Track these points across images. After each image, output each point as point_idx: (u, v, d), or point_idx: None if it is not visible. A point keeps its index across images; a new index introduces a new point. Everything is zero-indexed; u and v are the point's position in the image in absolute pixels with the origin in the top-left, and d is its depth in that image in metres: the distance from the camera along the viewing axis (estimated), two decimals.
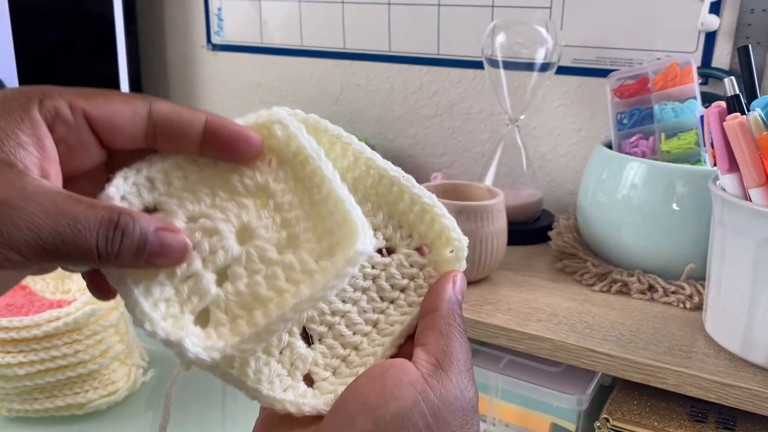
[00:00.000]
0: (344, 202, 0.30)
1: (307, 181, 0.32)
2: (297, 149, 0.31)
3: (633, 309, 0.69)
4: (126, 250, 0.27)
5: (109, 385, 0.70)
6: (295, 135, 0.31)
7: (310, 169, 0.31)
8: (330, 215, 0.31)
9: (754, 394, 0.55)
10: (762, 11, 0.81)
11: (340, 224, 0.30)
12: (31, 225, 0.24)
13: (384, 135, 1.11)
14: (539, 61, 0.86)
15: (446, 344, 0.30)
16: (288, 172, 0.32)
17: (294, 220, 0.31)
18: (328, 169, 0.31)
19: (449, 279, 0.33)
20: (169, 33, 1.27)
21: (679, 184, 0.69)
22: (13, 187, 0.25)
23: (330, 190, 0.31)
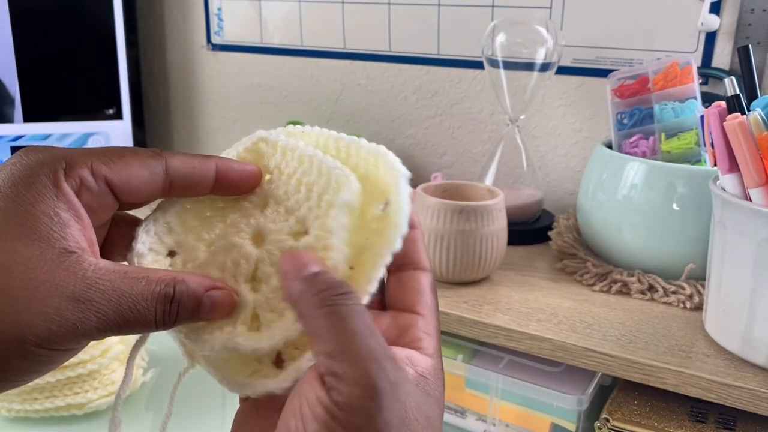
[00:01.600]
0: (321, 161, 0.32)
1: (297, 166, 0.33)
2: (282, 151, 0.34)
3: (633, 309, 0.69)
4: (182, 317, 0.29)
5: (109, 385, 0.70)
6: (276, 141, 0.34)
7: (295, 157, 0.33)
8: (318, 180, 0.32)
9: (754, 394, 0.55)
10: (762, 11, 0.81)
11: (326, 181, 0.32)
12: (99, 314, 0.27)
13: (384, 135, 1.11)
14: (539, 61, 0.86)
15: (324, 337, 0.25)
16: (282, 170, 0.34)
17: (295, 204, 0.33)
18: (307, 148, 0.33)
19: (286, 264, 0.28)
20: (169, 33, 1.27)
21: (680, 184, 0.69)
22: (76, 279, 0.27)
23: (312, 160, 0.32)
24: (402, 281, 0.32)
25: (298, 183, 0.33)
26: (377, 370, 0.24)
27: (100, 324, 0.27)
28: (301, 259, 0.27)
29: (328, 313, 0.25)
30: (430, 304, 0.31)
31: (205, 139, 1.29)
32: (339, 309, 0.25)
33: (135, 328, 0.28)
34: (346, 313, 0.25)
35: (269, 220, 0.33)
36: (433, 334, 0.30)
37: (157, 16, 1.27)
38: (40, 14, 1.10)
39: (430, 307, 0.31)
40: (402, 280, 0.32)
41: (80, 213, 0.28)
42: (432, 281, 0.32)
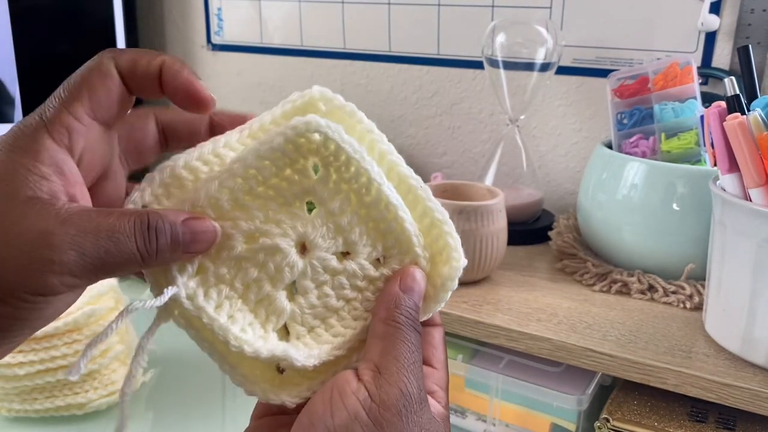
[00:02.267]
0: (397, 207, 0.32)
1: (353, 183, 0.32)
2: (337, 150, 0.31)
3: (633, 309, 0.69)
4: (163, 246, 0.29)
5: (109, 385, 0.70)
6: (334, 139, 0.31)
7: (355, 171, 0.32)
8: (383, 219, 0.32)
9: (754, 394, 0.55)
10: (762, 11, 0.81)
11: (394, 230, 0.32)
12: (75, 246, 0.26)
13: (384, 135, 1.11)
14: (539, 61, 0.86)
15: (384, 347, 0.30)
16: (332, 174, 0.32)
17: (348, 225, 0.32)
18: (374, 171, 0.32)
19: (396, 279, 0.32)
20: (168, 33, 1.27)
21: (680, 184, 0.69)
22: (48, 217, 0.26)
23: (379, 192, 0.32)
24: None
25: (354, 200, 0.32)
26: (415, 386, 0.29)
27: (79, 258, 0.26)
28: (415, 281, 0.32)
29: (407, 331, 0.30)
30: (442, 360, 0.34)
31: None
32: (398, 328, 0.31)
33: (118, 263, 0.27)
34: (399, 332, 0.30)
35: (318, 235, 0.32)
36: (444, 388, 0.33)
37: (157, 16, 1.27)
38: (40, 14, 1.10)
39: (442, 362, 0.34)
40: None
41: (63, 169, 0.28)
42: (443, 336, 0.34)
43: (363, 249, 0.33)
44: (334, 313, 0.33)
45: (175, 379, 0.75)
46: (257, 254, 0.31)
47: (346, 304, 0.33)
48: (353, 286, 0.33)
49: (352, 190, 0.32)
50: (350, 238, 0.32)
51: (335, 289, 0.33)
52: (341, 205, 0.32)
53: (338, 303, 0.33)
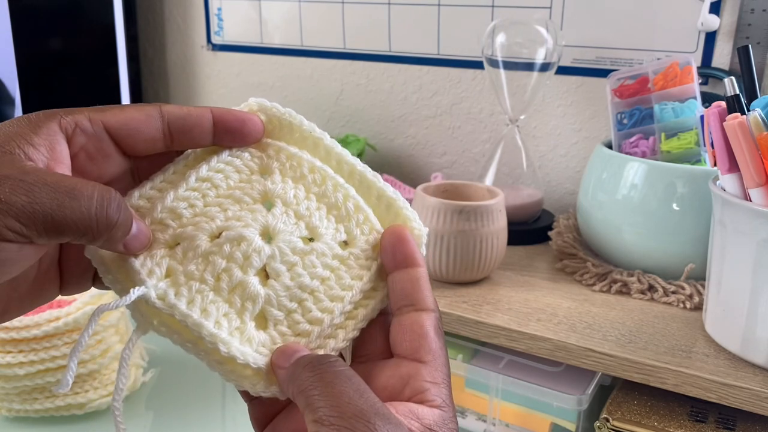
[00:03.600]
0: (347, 189, 0.33)
1: (303, 178, 0.34)
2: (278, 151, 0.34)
3: (633, 309, 0.69)
4: (121, 223, 0.28)
5: (109, 385, 0.70)
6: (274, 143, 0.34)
7: (297, 164, 0.34)
8: (337, 205, 0.33)
9: (754, 394, 0.55)
10: (762, 11, 0.81)
11: (351, 212, 0.33)
12: (29, 193, 0.25)
13: (384, 135, 1.11)
14: (539, 61, 0.86)
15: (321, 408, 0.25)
16: (279, 173, 0.34)
17: (306, 211, 0.33)
18: (318, 163, 0.34)
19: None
20: (169, 33, 1.27)
21: (679, 184, 0.69)
22: (13, 166, 0.26)
23: (327, 179, 0.34)
24: (403, 324, 0.30)
25: (307, 191, 0.33)
26: (365, 429, 0.24)
27: (28, 204, 0.25)
28: (290, 349, 0.30)
29: (316, 379, 0.26)
30: (434, 349, 0.29)
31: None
32: (325, 374, 0.26)
33: (70, 221, 0.26)
34: (333, 377, 0.26)
35: (280, 221, 0.33)
36: (440, 381, 0.29)
37: (158, 16, 1.27)
38: (40, 14, 1.10)
39: (435, 352, 0.29)
40: (403, 323, 0.30)
41: (55, 147, 0.28)
42: (436, 322, 0.30)
43: (326, 231, 0.33)
44: (310, 294, 0.32)
45: (175, 379, 0.75)
46: (223, 246, 0.32)
47: (321, 284, 0.32)
48: (325, 265, 0.33)
49: (303, 183, 0.33)
50: (312, 222, 0.33)
51: (307, 269, 0.32)
52: (296, 197, 0.33)
53: (313, 282, 0.32)
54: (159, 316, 0.31)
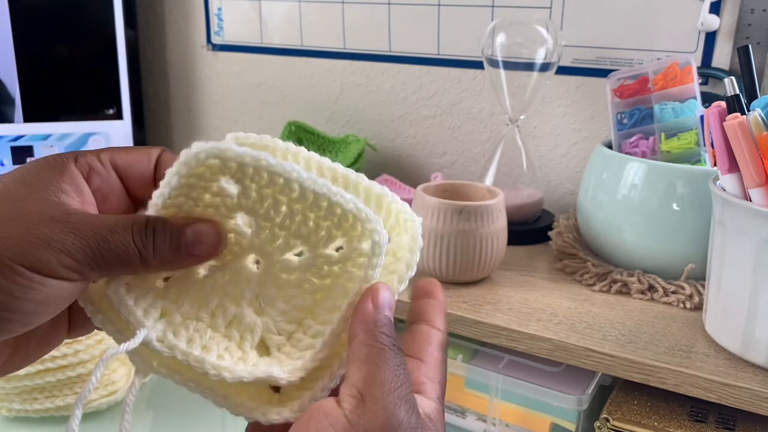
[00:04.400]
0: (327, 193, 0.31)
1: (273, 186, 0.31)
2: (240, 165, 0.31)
3: (633, 309, 0.69)
4: (161, 244, 0.30)
5: (109, 385, 0.70)
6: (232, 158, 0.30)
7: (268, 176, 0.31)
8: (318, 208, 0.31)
9: (754, 394, 0.55)
10: (762, 11, 0.81)
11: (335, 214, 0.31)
12: (76, 232, 0.28)
13: (384, 135, 1.11)
14: (539, 61, 0.86)
15: (368, 371, 0.28)
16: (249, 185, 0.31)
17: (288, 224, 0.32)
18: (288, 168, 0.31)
19: (367, 298, 0.31)
20: (169, 33, 1.27)
21: (679, 184, 0.69)
22: (55, 209, 0.28)
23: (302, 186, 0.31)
24: (414, 332, 0.33)
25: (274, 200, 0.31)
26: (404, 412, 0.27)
27: (77, 241, 0.27)
28: (385, 297, 0.31)
29: (390, 351, 0.29)
30: (435, 356, 0.32)
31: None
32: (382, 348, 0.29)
33: (116, 254, 0.28)
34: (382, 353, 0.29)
35: (261, 242, 0.32)
36: (436, 380, 0.31)
37: (158, 16, 1.27)
38: (40, 14, 1.10)
39: (435, 358, 0.32)
40: (414, 330, 0.33)
41: (82, 190, 0.30)
42: (443, 341, 0.33)
43: (313, 239, 0.32)
44: (308, 313, 0.32)
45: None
46: (213, 281, 0.32)
47: (317, 300, 0.32)
48: (319, 276, 0.32)
49: (276, 192, 0.31)
50: (298, 232, 0.32)
51: (299, 287, 0.32)
52: (273, 209, 0.31)
53: (307, 300, 0.32)
54: (159, 357, 0.31)
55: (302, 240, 0.32)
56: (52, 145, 1.15)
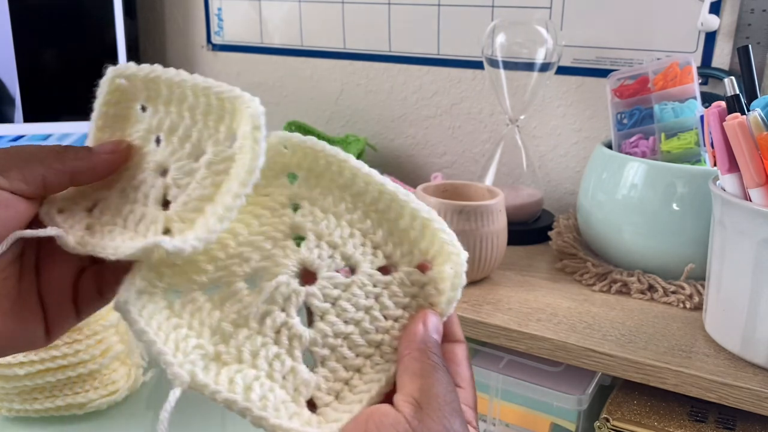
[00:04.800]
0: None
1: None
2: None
3: (633, 309, 0.69)
4: (73, 151, 0.35)
5: (110, 384, 0.70)
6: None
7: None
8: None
9: (754, 394, 0.55)
10: (762, 11, 0.81)
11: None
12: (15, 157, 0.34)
13: (384, 135, 1.11)
14: (539, 61, 0.86)
15: (423, 383, 0.30)
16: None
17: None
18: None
19: (419, 321, 0.33)
20: (169, 33, 1.27)
21: (679, 184, 0.69)
22: None
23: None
24: None
25: (178, 110, 0.35)
26: (458, 425, 0.29)
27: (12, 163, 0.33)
28: (433, 321, 0.33)
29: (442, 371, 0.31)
30: (467, 377, 0.33)
31: None
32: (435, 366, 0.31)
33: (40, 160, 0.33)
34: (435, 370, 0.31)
35: (165, 151, 0.34)
36: (472, 406, 0.32)
37: (158, 16, 1.27)
38: (40, 14, 1.10)
39: (467, 379, 0.33)
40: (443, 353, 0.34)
41: None
42: (467, 353, 0.35)
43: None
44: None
45: None
46: (128, 193, 0.34)
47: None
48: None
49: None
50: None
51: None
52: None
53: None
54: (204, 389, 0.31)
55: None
56: None
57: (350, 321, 0.32)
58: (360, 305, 0.32)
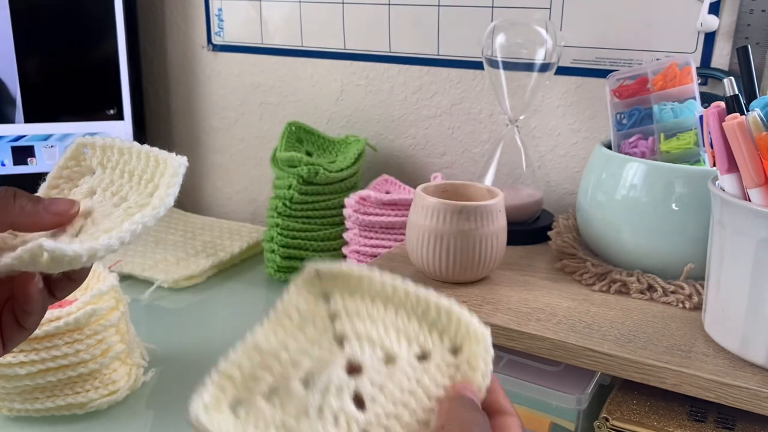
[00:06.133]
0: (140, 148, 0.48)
1: (120, 162, 0.47)
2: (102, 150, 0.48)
3: (632, 309, 0.69)
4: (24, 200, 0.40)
5: (110, 384, 0.70)
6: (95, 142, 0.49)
7: (115, 151, 0.47)
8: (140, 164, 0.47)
9: (753, 394, 0.55)
10: (761, 11, 0.81)
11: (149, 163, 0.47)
12: None
13: (384, 135, 1.11)
14: (539, 61, 0.86)
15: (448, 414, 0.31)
16: (101, 168, 0.47)
17: (119, 188, 0.46)
18: (124, 142, 0.48)
19: (461, 389, 0.34)
20: (169, 33, 1.27)
21: (679, 184, 0.69)
22: None
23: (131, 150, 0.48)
24: (495, 428, 0.34)
25: (121, 172, 0.46)
26: None
27: None
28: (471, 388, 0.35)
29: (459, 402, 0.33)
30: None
31: (206, 140, 1.30)
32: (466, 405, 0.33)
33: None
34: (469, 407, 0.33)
35: (96, 202, 0.44)
36: None
37: (158, 16, 1.27)
38: (41, 14, 1.11)
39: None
40: (495, 426, 0.34)
41: None
42: (521, 424, 0.35)
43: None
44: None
45: (176, 378, 0.75)
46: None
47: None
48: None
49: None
50: (123, 194, 0.46)
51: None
52: (111, 179, 0.46)
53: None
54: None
55: (125, 195, 0.46)
56: (53, 145, 1.15)
57: (398, 402, 0.35)
58: (404, 388, 0.36)
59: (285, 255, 1.00)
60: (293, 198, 0.98)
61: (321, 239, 1.01)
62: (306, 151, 1.05)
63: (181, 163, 0.46)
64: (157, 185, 0.44)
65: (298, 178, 0.97)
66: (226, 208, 1.32)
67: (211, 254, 1.08)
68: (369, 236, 0.93)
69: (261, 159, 1.24)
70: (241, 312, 0.94)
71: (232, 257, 1.09)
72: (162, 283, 0.99)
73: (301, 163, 0.96)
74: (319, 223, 1.00)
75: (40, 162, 1.15)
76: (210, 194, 1.33)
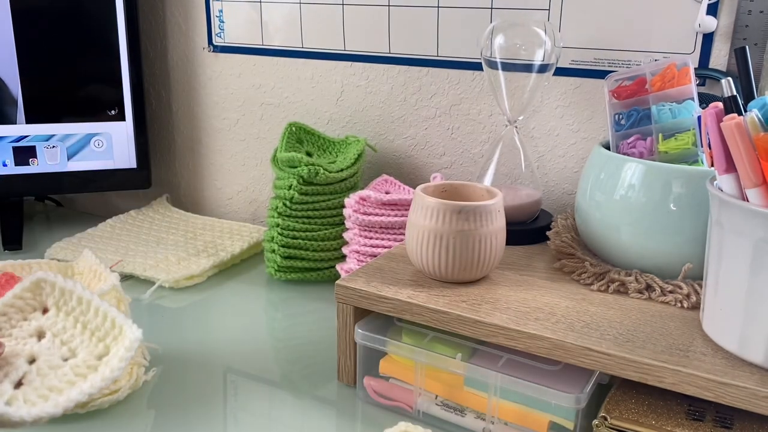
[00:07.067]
0: (99, 305, 0.53)
1: (75, 310, 0.54)
2: (61, 291, 0.54)
3: (631, 308, 0.69)
4: None
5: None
6: (55, 282, 0.53)
7: (74, 298, 0.53)
8: (96, 321, 0.53)
9: (752, 393, 0.55)
10: (759, 13, 0.81)
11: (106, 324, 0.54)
12: None
13: (384, 136, 1.11)
14: (537, 62, 0.86)
15: None
16: (55, 309, 0.53)
17: (71, 337, 0.53)
18: (85, 292, 0.52)
19: None
20: (170, 34, 1.27)
21: (677, 185, 0.69)
22: None
23: (90, 303, 0.54)
24: None
25: (75, 320, 0.50)
26: None
27: None
28: None
29: None
30: None
31: (207, 140, 1.30)
32: None
33: None
34: None
35: (44, 348, 0.47)
36: None
37: (159, 17, 1.27)
38: (42, 15, 1.11)
39: None
40: None
41: None
42: None
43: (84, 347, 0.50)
44: None
45: (177, 377, 0.75)
46: None
47: None
48: (75, 368, 0.50)
49: (73, 312, 0.50)
50: (73, 345, 0.52)
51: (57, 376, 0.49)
52: (64, 325, 0.51)
53: None
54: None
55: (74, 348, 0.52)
56: (54, 145, 1.15)
57: None
58: None
59: (285, 255, 1.00)
60: (293, 198, 0.98)
61: (321, 239, 1.01)
62: (306, 151, 1.06)
63: (137, 337, 0.49)
64: (108, 348, 0.48)
65: (298, 179, 0.97)
66: (227, 208, 1.32)
67: (212, 254, 1.08)
68: (369, 236, 0.93)
69: (261, 159, 1.24)
70: (242, 312, 0.94)
71: (232, 257, 1.09)
72: (163, 283, 0.99)
73: (301, 164, 0.96)
74: (319, 223, 1.01)
75: (41, 162, 1.16)
76: (211, 194, 1.33)
